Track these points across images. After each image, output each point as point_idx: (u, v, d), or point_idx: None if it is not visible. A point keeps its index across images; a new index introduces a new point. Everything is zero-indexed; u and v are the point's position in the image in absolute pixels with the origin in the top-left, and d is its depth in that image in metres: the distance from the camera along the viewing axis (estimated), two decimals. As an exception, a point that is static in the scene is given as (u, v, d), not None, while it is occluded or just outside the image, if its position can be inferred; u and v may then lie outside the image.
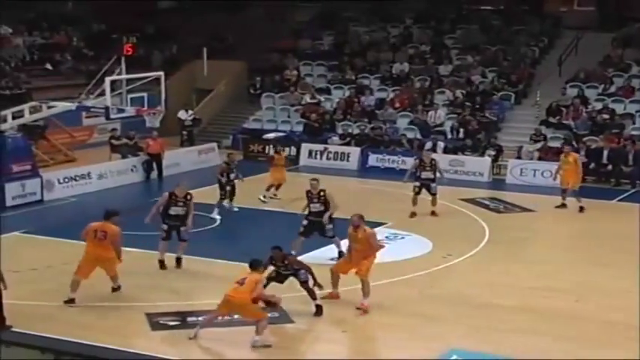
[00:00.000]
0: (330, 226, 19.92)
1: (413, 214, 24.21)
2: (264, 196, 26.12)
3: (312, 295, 16.61)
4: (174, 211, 19.29)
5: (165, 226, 19.40)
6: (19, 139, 26.58)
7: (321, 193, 20.31)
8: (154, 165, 30.23)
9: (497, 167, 30.96)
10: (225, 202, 24.85)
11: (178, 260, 19.51)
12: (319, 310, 16.55)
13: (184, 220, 19.34)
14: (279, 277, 16.67)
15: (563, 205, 25.62)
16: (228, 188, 24.84)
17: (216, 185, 24.85)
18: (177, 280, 18.46)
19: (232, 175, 24.95)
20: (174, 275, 18.81)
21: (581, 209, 25.23)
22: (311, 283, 16.61)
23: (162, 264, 19.36)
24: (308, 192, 20.36)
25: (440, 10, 40.85)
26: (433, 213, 24.40)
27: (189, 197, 19.38)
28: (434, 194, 24.46)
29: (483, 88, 35.28)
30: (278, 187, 26.77)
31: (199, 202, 21.38)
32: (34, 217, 24.74)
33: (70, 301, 16.85)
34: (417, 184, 24.47)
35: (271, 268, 16.58)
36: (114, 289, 17.57)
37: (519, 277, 19.17)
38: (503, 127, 33.81)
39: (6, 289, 15.45)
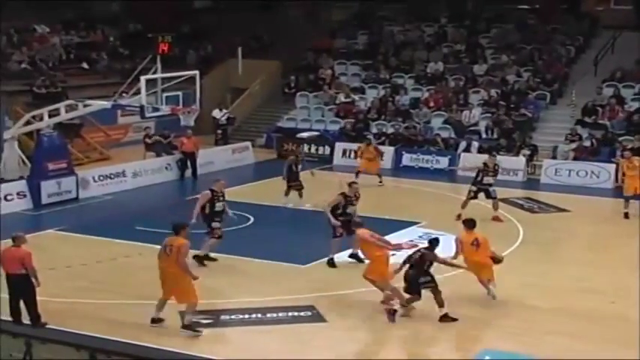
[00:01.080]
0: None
1: (459, 217, 22.89)
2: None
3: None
4: (218, 207, 19.55)
5: (217, 224, 19.49)
6: (54, 138, 26.77)
7: (357, 194, 20.19)
8: (189, 163, 30.28)
9: (532, 167, 30.78)
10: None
11: (207, 257, 19.59)
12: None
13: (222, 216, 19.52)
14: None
15: (626, 216, 24.53)
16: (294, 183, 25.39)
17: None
18: (210, 278, 18.46)
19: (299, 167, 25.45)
20: (208, 273, 18.82)
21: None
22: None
23: (210, 259, 19.57)
24: (345, 195, 20.00)
25: (475, 9, 40.65)
26: (496, 218, 23.73)
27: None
28: (494, 198, 24.01)
29: (518, 88, 35.08)
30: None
31: (233, 201, 21.48)
32: (70, 215, 24.92)
33: (156, 320, 16.00)
34: (474, 188, 24.02)
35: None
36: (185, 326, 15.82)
37: (554, 278, 19.06)
38: (538, 126, 33.60)
39: (39, 287, 15.57)
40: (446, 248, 20.31)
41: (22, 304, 15.51)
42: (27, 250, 15.64)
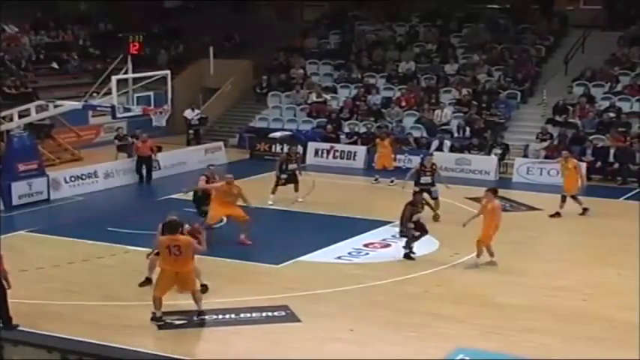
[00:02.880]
0: None
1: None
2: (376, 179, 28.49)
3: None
4: None
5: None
6: (25, 138, 26.57)
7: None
8: (144, 167, 29.52)
9: (504, 166, 30.93)
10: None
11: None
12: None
13: None
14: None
15: (557, 215, 24.68)
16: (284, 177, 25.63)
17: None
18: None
19: (291, 166, 25.60)
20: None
21: (585, 211, 24.90)
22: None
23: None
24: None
25: (446, 9, 40.77)
26: (436, 217, 23.87)
27: None
28: (435, 198, 24.09)
29: (489, 87, 35.23)
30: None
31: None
32: (41, 216, 24.78)
33: (157, 318, 15.96)
34: (417, 189, 24.06)
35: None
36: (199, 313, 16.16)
37: (526, 275, 19.15)
38: (509, 125, 33.76)
39: (10, 289, 15.45)
40: (419, 247, 20.48)
41: None
42: None
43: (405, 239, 20.23)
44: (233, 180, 21.29)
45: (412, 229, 20.12)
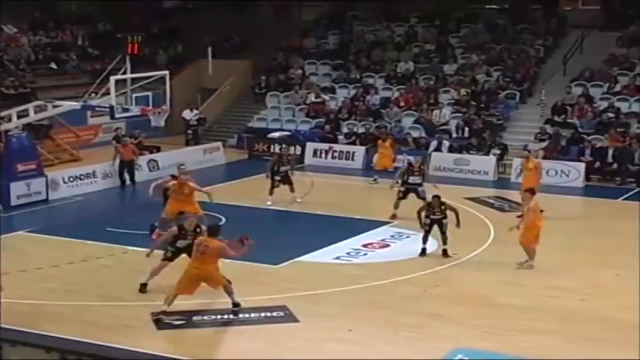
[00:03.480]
0: None
1: (394, 216, 23.89)
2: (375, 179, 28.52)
3: (445, 239, 20.19)
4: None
5: None
6: (24, 139, 26.57)
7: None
8: (126, 171, 28.82)
9: (503, 166, 30.92)
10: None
11: None
12: (445, 253, 20.22)
13: None
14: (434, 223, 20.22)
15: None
16: (277, 179, 25.53)
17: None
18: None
19: (283, 168, 25.56)
20: (180, 275, 18.73)
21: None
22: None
23: None
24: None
25: (445, 9, 40.77)
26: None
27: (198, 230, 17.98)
28: (423, 198, 23.68)
29: (488, 87, 35.25)
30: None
31: (205, 201, 21.42)
32: (40, 217, 24.78)
33: (161, 312, 16.14)
34: (402, 188, 24.18)
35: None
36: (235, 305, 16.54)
37: (525, 276, 19.15)
38: (508, 126, 33.77)
39: (2, 290, 15.26)
40: (418, 248, 20.49)
41: None
42: None
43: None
44: (186, 180, 21.23)
45: (427, 224, 20.37)
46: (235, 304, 16.42)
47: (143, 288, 17.61)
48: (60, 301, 17.11)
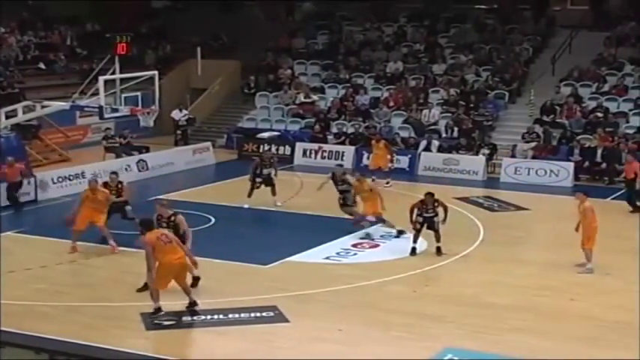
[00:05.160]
0: None
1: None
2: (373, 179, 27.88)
3: (438, 237, 20.32)
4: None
5: None
6: (12, 139, 26.53)
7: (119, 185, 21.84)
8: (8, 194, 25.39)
9: (492, 166, 30.96)
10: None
11: None
12: (439, 251, 20.26)
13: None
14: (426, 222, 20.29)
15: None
16: (259, 180, 25.49)
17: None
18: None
19: (266, 171, 25.42)
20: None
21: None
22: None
23: None
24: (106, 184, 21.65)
25: (434, 9, 40.81)
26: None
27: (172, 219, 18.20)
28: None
29: (477, 87, 35.30)
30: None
31: (194, 201, 21.41)
32: (29, 217, 24.69)
33: (157, 310, 16.18)
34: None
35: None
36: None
37: (514, 275, 19.18)
38: (497, 125, 33.81)
39: None
40: (407, 247, 20.51)
41: None
42: None
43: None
44: (97, 188, 21.14)
45: (419, 223, 20.41)
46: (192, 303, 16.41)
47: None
48: (49, 302, 17.06)
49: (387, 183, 28.29)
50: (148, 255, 15.82)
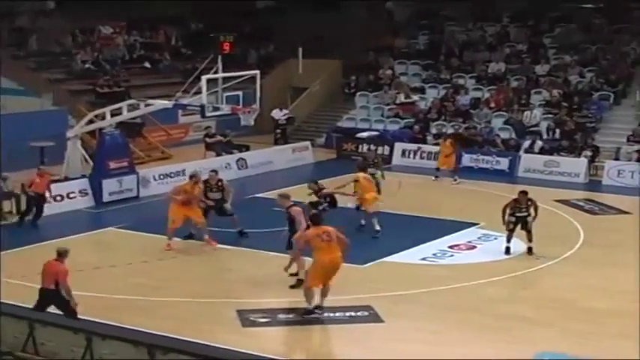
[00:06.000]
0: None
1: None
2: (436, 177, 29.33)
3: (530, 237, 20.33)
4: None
5: None
6: (116, 137, 27.04)
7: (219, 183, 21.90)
8: (34, 206, 23.47)
9: (594, 168, 30.41)
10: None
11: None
12: (530, 251, 20.31)
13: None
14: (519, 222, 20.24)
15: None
16: None
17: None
18: (270, 277, 18.52)
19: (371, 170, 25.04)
20: (268, 272, 18.87)
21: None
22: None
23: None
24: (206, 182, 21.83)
25: (538, 9, 40.23)
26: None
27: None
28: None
29: (581, 88, 34.70)
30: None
31: (295, 200, 21.44)
32: (130, 213, 25.15)
33: (311, 311, 16.27)
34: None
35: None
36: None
37: (614, 280, 18.82)
38: (600, 127, 33.17)
39: (77, 306, 14.81)
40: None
41: None
42: (64, 268, 14.77)
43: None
44: (199, 182, 21.71)
45: (512, 222, 20.31)
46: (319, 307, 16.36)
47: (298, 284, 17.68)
48: (148, 297, 17.38)
49: (455, 180, 28.28)
50: (299, 247, 16.56)
